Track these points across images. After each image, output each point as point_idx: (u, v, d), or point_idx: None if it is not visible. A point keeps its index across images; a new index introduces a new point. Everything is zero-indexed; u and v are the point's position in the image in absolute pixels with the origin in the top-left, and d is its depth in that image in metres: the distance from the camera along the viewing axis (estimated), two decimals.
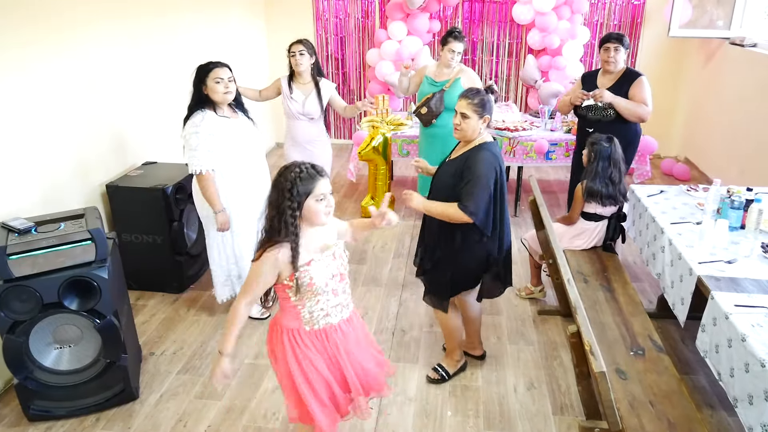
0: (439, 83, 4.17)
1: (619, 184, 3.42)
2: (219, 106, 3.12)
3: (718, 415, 2.77)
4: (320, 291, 2.01)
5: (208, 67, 3.06)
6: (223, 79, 3.05)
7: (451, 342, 3.03)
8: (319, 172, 1.95)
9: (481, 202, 2.56)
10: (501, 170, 2.65)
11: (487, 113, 2.64)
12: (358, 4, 6.67)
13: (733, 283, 2.51)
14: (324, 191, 1.94)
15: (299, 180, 1.89)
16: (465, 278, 2.83)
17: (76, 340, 2.72)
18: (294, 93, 3.94)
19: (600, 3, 6.37)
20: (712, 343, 2.37)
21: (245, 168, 3.24)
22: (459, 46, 4.04)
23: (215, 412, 2.84)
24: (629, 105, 3.76)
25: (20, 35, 3.06)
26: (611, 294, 3.11)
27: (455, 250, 2.73)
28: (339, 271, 2.07)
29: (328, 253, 2.04)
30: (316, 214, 1.94)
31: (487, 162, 2.59)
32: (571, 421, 2.76)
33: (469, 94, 2.65)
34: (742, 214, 3.00)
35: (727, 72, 5.67)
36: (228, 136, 3.11)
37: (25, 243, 2.54)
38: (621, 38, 3.84)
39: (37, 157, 3.20)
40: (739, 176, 5.08)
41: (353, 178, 5.20)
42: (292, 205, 1.90)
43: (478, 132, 2.67)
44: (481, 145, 2.67)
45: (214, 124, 3.07)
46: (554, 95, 5.76)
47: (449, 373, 3.04)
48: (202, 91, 3.07)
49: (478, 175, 2.56)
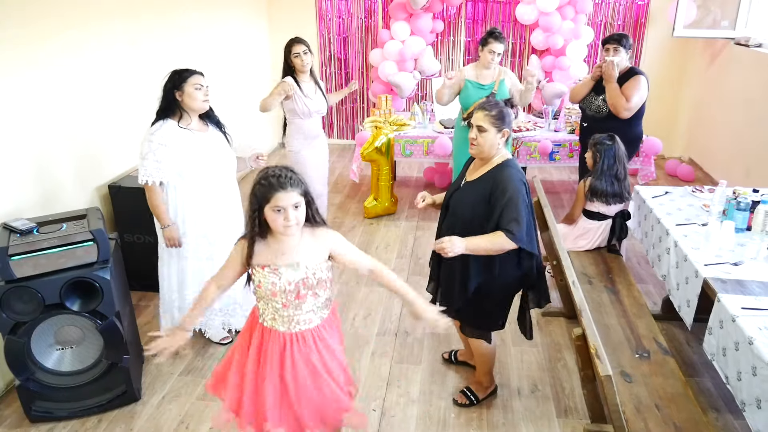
0: (487, 86, 4.12)
1: (624, 180, 3.41)
2: (185, 117, 2.91)
3: (724, 418, 2.75)
4: (265, 297, 2.01)
5: (187, 72, 2.89)
6: (203, 86, 2.89)
7: (484, 368, 2.85)
8: (282, 184, 1.85)
9: (524, 224, 2.37)
10: (527, 185, 2.47)
11: (506, 126, 2.45)
12: (361, 4, 6.65)
13: (739, 286, 2.48)
14: (281, 204, 1.85)
15: (259, 185, 1.89)
16: (505, 300, 2.65)
17: (78, 342, 2.71)
18: (306, 92, 3.96)
19: (604, 3, 6.35)
20: (719, 346, 2.35)
21: (205, 186, 2.99)
22: (499, 47, 4.01)
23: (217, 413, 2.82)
24: (612, 92, 3.84)
25: (23, 35, 3.05)
26: (616, 296, 3.09)
27: (493, 278, 2.53)
28: (297, 290, 1.97)
29: (285, 268, 1.96)
30: (273, 224, 1.91)
31: (516, 180, 2.42)
32: (576, 424, 2.74)
33: (487, 106, 2.46)
34: (749, 215, 2.98)
35: (732, 72, 5.64)
36: (186, 149, 2.88)
37: (27, 244, 2.53)
38: (620, 39, 3.86)
39: (38, 158, 3.19)
40: (744, 177, 5.05)
41: (356, 178, 5.19)
42: (252, 206, 1.91)
43: (497, 147, 2.47)
44: (505, 162, 2.48)
45: (171, 135, 2.86)
46: (558, 96, 5.74)
47: (478, 398, 2.87)
48: (173, 97, 2.87)
49: (512, 197, 2.37)
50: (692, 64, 6.37)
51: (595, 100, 3.96)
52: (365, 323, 3.53)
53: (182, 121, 2.92)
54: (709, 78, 6.08)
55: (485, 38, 4.04)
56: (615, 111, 3.86)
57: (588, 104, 4.02)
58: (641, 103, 3.87)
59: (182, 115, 2.92)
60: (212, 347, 3.32)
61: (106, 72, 3.77)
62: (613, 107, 3.85)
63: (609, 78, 3.84)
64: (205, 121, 3.03)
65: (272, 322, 2.06)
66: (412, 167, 6.45)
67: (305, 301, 2.01)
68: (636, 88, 3.80)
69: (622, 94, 3.83)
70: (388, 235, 4.77)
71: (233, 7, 5.95)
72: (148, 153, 2.84)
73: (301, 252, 1.99)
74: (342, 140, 7.32)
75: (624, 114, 3.84)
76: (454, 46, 6.70)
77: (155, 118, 2.93)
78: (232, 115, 4.67)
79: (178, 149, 2.88)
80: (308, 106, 3.96)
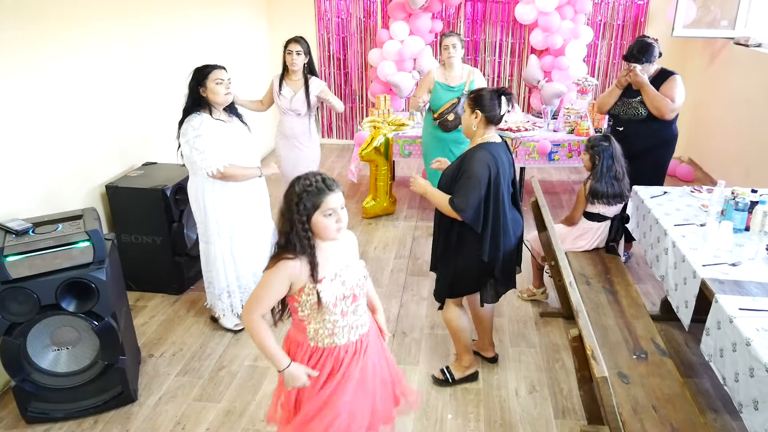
0: (456, 87, 4.14)
1: (623, 179, 3.40)
2: (214, 110, 3.08)
3: (722, 419, 2.74)
4: (327, 311, 1.91)
5: (207, 68, 3.03)
6: (224, 80, 3.03)
7: (458, 345, 2.98)
8: (329, 185, 1.83)
9: (471, 199, 2.56)
10: (500, 171, 2.61)
11: (478, 108, 2.62)
12: (360, 4, 6.65)
13: (737, 286, 2.47)
14: (333, 206, 1.83)
15: (306, 194, 1.80)
16: (464, 281, 2.79)
17: (74, 342, 2.71)
18: (283, 90, 4.03)
19: (603, 2, 6.34)
20: (716, 347, 2.34)
21: None
22: (453, 39, 4.05)
23: (214, 414, 2.81)
24: (655, 95, 3.69)
25: (21, 36, 3.04)
26: (614, 296, 3.08)
27: (452, 250, 2.73)
28: (352, 292, 1.94)
29: (344, 271, 1.93)
30: (325, 230, 1.85)
31: (482, 160, 2.58)
32: (573, 425, 2.73)
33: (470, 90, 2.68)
34: (747, 216, 2.96)
35: (732, 72, 5.63)
36: (224, 139, 3.06)
37: (23, 244, 2.52)
38: (639, 58, 3.72)
39: (36, 158, 3.19)
40: (744, 177, 5.04)
41: (354, 178, 5.18)
42: (300, 218, 1.82)
43: (473, 128, 2.67)
44: (481, 144, 2.66)
45: (212, 126, 3.05)
46: (557, 95, 5.73)
47: (454, 378, 2.99)
48: (198, 94, 3.04)
49: (470, 173, 2.57)
50: (692, 63, 6.36)
51: (632, 102, 3.81)
52: None
53: (213, 114, 3.08)
54: (709, 78, 6.07)
55: (439, 39, 4.14)
56: (660, 114, 3.72)
57: (624, 109, 3.86)
58: (683, 101, 3.78)
59: (211, 109, 3.07)
60: (210, 348, 3.31)
61: (104, 72, 3.76)
62: (658, 110, 3.71)
63: (641, 86, 3.73)
64: (228, 112, 3.20)
65: (332, 338, 1.96)
66: (411, 167, 6.44)
67: (359, 302, 1.99)
68: (676, 88, 3.72)
69: (662, 93, 3.72)
70: (386, 235, 4.77)
71: (233, 8, 5.94)
72: (205, 145, 2.99)
73: (347, 253, 1.99)
74: (340, 140, 7.31)
75: (670, 115, 3.73)
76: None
77: (185, 113, 3.06)
78: None
79: (219, 140, 3.04)
80: (279, 103, 4.07)
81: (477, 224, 2.61)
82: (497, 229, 2.68)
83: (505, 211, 2.70)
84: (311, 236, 1.85)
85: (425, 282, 4.01)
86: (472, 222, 2.60)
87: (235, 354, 3.26)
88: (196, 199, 3.18)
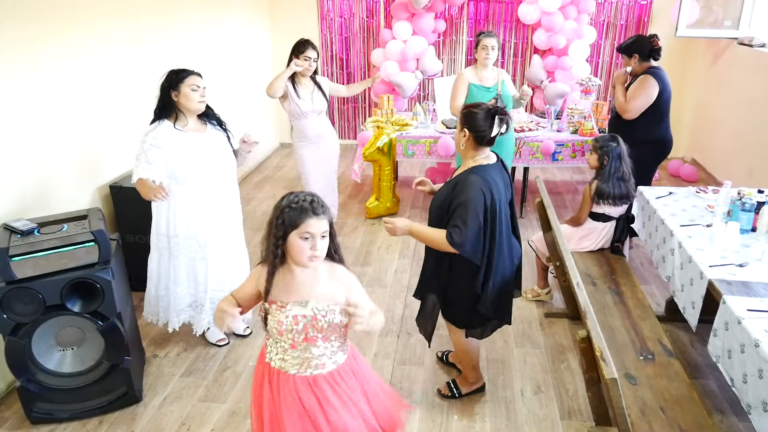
0: (491, 88, 4.14)
1: (629, 180, 3.39)
2: (181, 117, 2.89)
3: (729, 420, 2.73)
4: (273, 335, 1.87)
5: (184, 73, 2.86)
6: (199, 87, 2.86)
7: (464, 364, 2.88)
8: (315, 209, 1.76)
9: (469, 232, 2.38)
10: (495, 197, 2.43)
11: (467, 126, 2.45)
12: (363, 4, 6.63)
13: (745, 287, 2.46)
14: (312, 231, 1.75)
15: (289, 209, 1.75)
16: (451, 312, 2.69)
17: (78, 343, 2.70)
18: (301, 94, 4.07)
19: (606, 2, 6.33)
20: (724, 349, 2.33)
21: (199, 187, 2.95)
22: (492, 41, 4.05)
23: (219, 415, 2.81)
24: (616, 95, 3.98)
25: (23, 36, 3.04)
26: (620, 297, 3.07)
27: (443, 280, 2.60)
28: (306, 331, 1.82)
29: (297, 306, 1.83)
30: (298, 253, 1.77)
31: (475, 188, 2.39)
32: (580, 426, 2.72)
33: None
34: (754, 216, 2.95)
35: (735, 72, 5.62)
36: (179, 151, 2.85)
37: (28, 244, 2.52)
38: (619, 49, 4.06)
39: (39, 158, 3.18)
40: (747, 177, 5.03)
41: (358, 178, 5.17)
42: (276, 233, 1.77)
43: (461, 147, 2.52)
44: (473, 168, 2.48)
45: (165, 136, 2.84)
46: (560, 95, 5.72)
47: (461, 392, 2.91)
48: (169, 97, 2.86)
49: (465, 202, 2.38)
50: (695, 64, 6.35)
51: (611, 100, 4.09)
52: None
53: (178, 122, 2.89)
54: (712, 78, 6.06)
55: (477, 37, 4.12)
56: (620, 113, 3.94)
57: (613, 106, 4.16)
58: (643, 104, 3.84)
59: (178, 116, 2.90)
60: (214, 348, 3.30)
61: (106, 72, 3.75)
62: (618, 108, 3.96)
63: (614, 82, 4.07)
64: (203, 120, 2.99)
65: (281, 363, 1.90)
66: (414, 167, 6.43)
67: (315, 345, 1.86)
68: (638, 88, 3.83)
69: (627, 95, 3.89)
70: (389, 235, 4.74)
71: (234, 7, 5.93)
72: (140, 154, 2.84)
73: (314, 289, 1.85)
74: (344, 140, 7.29)
75: (624, 115, 3.86)
76: (456, 46, 6.68)
77: (153, 118, 2.92)
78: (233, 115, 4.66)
79: (172, 151, 2.85)
80: (300, 107, 4.08)
81: (477, 257, 2.46)
82: (491, 261, 2.51)
83: (503, 239, 2.53)
84: (280, 253, 1.80)
85: None
86: (472, 256, 2.44)
87: (240, 354, 3.26)
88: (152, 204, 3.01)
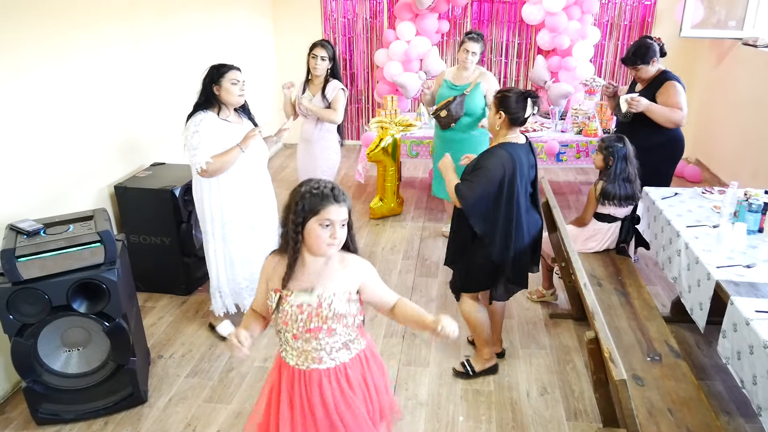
0: (459, 87, 4.11)
1: (635, 181, 3.38)
2: (224, 109, 3.07)
3: (736, 422, 2.72)
4: (278, 325, 1.84)
5: (225, 67, 3.02)
6: (239, 81, 3.03)
7: (477, 338, 3.02)
8: (336, 196, 1.72)
9: (476, 191, 2.62)
10: (517, 172, 2.63)
11: (503, 109, 2.66)
12: (367, 5, 6.63)
13: (752, 288, 2.45)
14: (332, 217, 1.71)
15: (310, 195, 1.71)
16: (476, 277, 2.84)
17: (84, 343, 2.70)
18: (305, 93, 4.04)
19: (610, 3, 6.32)
20: (733, 350, 2.32)
21: (243, 174, 3.11)
22: (474, 46, 4.00)
23: (224, 415, 2.80)
24: (663, 111, 3.59)
25: (27, 36, 3.04)
26: (626, 298, 3.07)
27: (468, 246, 2.79)
28: (309, 326, 1.78)
29: (301, 293, 1.79)
30: (316, 240, 1.73)
31: (497, 159, 2.63)
32: (586, 428, 2.71)
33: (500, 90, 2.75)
34: (761, 217, 2.94)
35: (740, 73, 5.61)
36: (227, 140, 3.02)
37: (34, 245, 2.52)
38: (634, 61, 3.65)
39: (45, 158, 3.18)
40: (752, 178, 5.02)
41: (362, 179, 5.17)
42: (296, 219, 1.72)
43: (496, 128, 2.73)
44: (501, 143, 2.71)
45: (213, 126, 3.00)
46: (564, 96, 5.71)
47: (475, 371, 3.03)
48: (211, 91, 3.02)
49: (482, 167, 2.64)
50: (699, 64, 6.33)
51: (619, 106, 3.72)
52: (372, 325, 3.50)
53: (221, 114, 3.07)
54: (717, 78, 6.05)
55: (463, 36, 4.11)
56: (674, 125, 3.62)
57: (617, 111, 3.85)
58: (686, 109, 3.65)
59: (221, 108, 3.07)
60: (219, 349, 3.30)
61: (112, 73, 3.75)
62: (674, 124, 3.61)
63: (646, 111, 3.60)
64: (239, 113, 3.19)
65: (285, 354, 1.89)
66: (418, 168, 6.43)
67: (317, 337, 1.81)
68: (676, 96, 3.58)
69: (667, 104, 3.59)
70: (393, 236, 4.75)
71: (238, 8, 5.93)
72: (199, 143, 2.96)
73: (322, 277, 1.81)
74: (347, 141, 7.28)
75: (684, 122, 3.62)
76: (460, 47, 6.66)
77: (192, 110, 3.05)
78: None
79: (219, 139, 3.01)
80: (299, 106, 4.05)
81: (474, 217, 2.66)
82: (509, 231, 2.69)
83: (520, 212, 2.71)
84: (300, 240, 1.74)
85: (433, 283, 4.00)
86: (469, 212, 2.65)
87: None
88: (197, 197, 3.17)
